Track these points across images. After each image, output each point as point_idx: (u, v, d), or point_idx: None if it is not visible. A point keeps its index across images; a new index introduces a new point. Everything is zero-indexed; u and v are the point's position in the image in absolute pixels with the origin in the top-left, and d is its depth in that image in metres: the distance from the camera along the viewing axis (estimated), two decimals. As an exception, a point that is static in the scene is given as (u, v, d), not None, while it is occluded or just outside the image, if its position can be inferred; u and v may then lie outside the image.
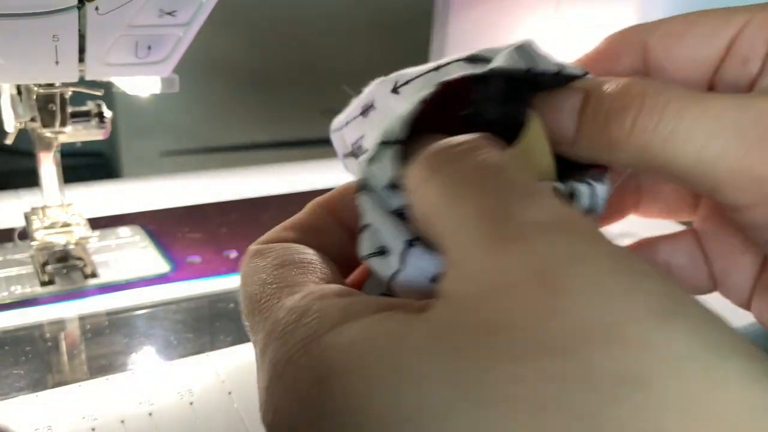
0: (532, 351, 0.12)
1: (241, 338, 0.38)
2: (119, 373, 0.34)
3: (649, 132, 0.18)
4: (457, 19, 0.76)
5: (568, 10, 0.64)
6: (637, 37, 0.22)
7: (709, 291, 0.24)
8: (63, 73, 0.35)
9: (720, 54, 0.21)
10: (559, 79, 0.20)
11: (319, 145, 0.91)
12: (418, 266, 0.17)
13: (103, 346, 0.38)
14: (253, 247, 0.19)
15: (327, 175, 0.70)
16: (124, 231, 0.52)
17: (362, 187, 0.18)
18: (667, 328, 0.12)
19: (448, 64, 0.20)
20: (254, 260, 0.19)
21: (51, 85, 0.40)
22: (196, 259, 0.48)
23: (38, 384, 0.34)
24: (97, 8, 0.32)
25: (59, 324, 0.40)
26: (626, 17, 0.60)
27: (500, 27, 0.72)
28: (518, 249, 0.13)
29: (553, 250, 0.13)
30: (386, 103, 0.20)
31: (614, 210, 0.25)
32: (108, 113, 0.44)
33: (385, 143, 0.17)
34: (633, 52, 0.22)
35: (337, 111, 0.22)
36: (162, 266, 0.47)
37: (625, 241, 0.24)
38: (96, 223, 0.49)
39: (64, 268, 0.45)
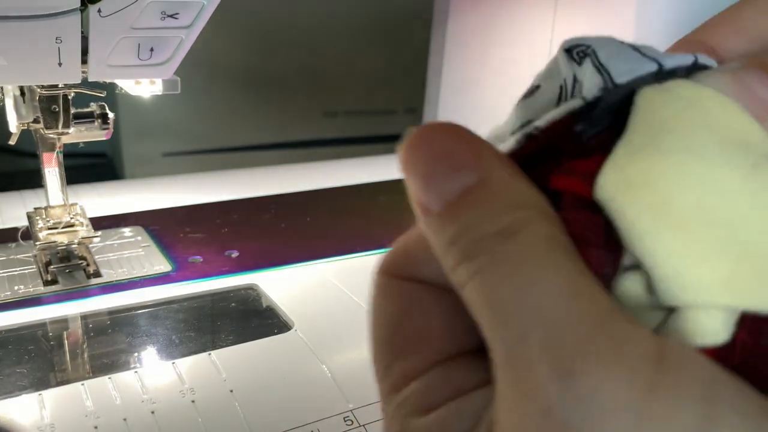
0: None
1: (242, 337, 0.38)
2: (122, 371, 0.35)
3: None
4: (456, 19, 0.77)
5: (566, 11, 0.64)
6: (694, 37, 0.23)
7: None
8: (66, 75, 0.35)
9: None
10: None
11: (320, 146, 0.91)
12: None
13: (105, 345, 0.38)
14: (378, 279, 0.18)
15: (328, 177, 0.70)
16: (126, 231, 0.53)
17: None
18: None
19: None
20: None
21: (54, 87, 0.40)
22: (198, 258, 0.49)
23: (41, 383, 0.34)
24: (99, 10, 0.32)
25: (62, 323, 0.40)
26: (625, 17, 0.60)
27: (499, 28, 0.72)
28: None
29: None
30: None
31: None
32: (110, 114, 0.45)
33: None
34: (695, 49, 0.24)
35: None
36: (164, 266, 0.47)
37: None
38: (98, 223, 0.50)
39: (67, 268, 0.45)
